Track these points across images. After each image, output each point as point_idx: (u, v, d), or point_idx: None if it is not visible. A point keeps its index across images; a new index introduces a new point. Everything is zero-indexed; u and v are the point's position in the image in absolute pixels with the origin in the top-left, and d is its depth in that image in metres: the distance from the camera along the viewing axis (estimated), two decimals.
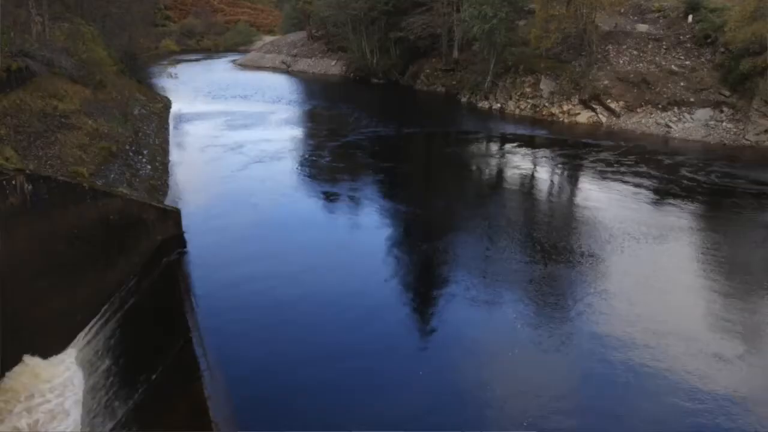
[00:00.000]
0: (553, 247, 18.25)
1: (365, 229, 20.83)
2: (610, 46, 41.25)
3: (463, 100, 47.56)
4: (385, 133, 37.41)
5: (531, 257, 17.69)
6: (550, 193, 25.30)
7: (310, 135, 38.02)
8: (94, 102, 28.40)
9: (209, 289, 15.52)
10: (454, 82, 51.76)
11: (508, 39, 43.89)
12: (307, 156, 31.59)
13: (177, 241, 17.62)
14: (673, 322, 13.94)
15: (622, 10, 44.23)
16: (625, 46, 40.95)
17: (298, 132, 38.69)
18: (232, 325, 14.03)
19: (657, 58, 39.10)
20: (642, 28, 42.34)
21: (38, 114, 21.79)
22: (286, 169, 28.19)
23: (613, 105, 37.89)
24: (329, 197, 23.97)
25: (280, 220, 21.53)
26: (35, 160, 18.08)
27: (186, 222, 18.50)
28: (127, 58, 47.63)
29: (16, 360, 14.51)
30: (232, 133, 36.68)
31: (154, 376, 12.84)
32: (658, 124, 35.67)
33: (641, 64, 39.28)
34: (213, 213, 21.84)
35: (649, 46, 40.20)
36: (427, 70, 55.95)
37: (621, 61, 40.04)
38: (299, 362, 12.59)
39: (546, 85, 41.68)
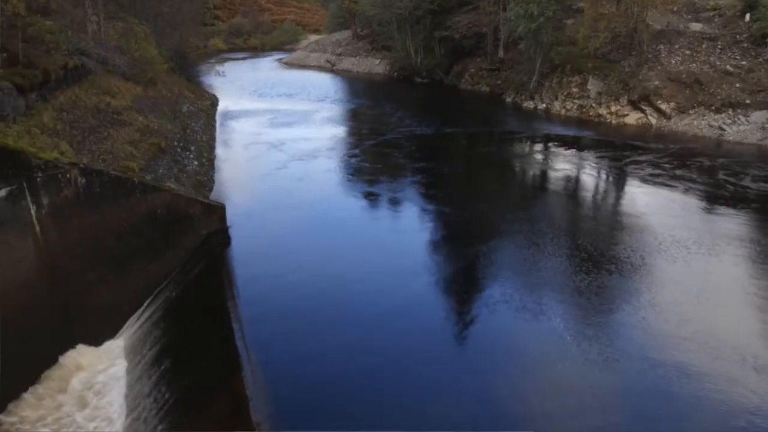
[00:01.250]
0: (600, 255, 17.57)
1: (405, 229, 20.69)
2: (661, 46, 40.05)
3: (508, 100, 46.98)
4: (428, 132, 37.27)
5: (576, 265, 17.04)
6: (595, 197, 24.62)
7: (352, 134, 38.18)
8: (145, 99, 29.23)
9: (252, 283, 15.76)
10: (498, 82, 51.18)
11: (555, 38, 43.11)
12: (348, 154, 31.74)
13: (221, 235, 17.97)
14: (732, 342, 12.92)
15: (675, 9, 42.90)
16: (677, 46, 39.69)
17: (340, 130, 38.91)
18: (273, 319, 14.20)
19: (711, 58, 37.75)
20: (696, 27, 40.96)
21: (92, 110, 22.55)
22: (328, 168, 28.38)
23: (663, 106, 36.76)
24: (369, 196, 24.00)
25: (321, 217, 21.69)
26: (88, 155, 18.69)
27: (230, 217, 18.85)
28: (177, 56, 48.85)
29: (67, 347, 15.06)
30: (276, 131, 37.18)
31: (196, 368, 13.13)
32: (710, 126, 34.42)
33: (694, 64, 37.99)
34: (256, 209, 22.16)
35: (703, 46, 38.85)
36: (472, 70, 55.48)
37: (673, 61, 38.82)
38: (339, 360, 12.64)
39: (593, 86, 40.77)
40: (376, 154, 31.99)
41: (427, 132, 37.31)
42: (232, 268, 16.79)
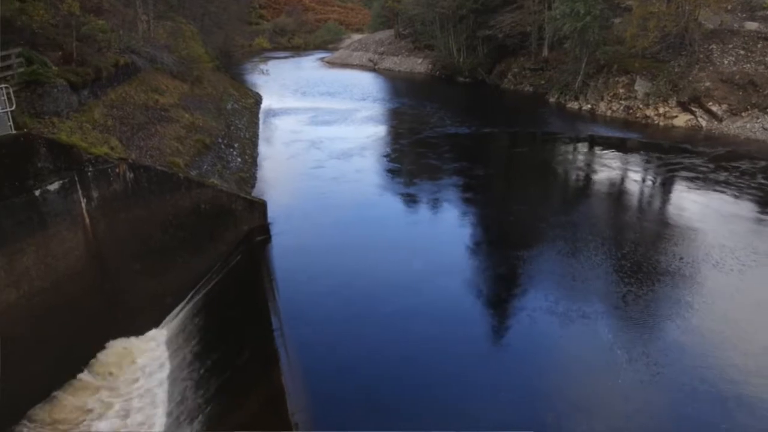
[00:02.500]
0: (647, 264, 16.80)
1: (443, 231, 20.50)
2: (713, 46, 38.73)
3: (552, 100, 46.25)
4: (469, 132, 37.00)
5: (622, 274, 16.18)
6: (642, 203, 23.81)
7: (392, 133, 38.20)
8: (191, 96, 29.90)
9: (291, 279, 15.94)
10: (542, 82, 50.44)
11: (602, 37, 42.21)
12: (388, 154, 31.77)
13: (262, 231, 18.23)
14: None
15: (729, 7, 41.40)
16: (731, 46, 38.32)
17: (380, 129, 38.99)
18: (311, 314, 14.33)
19: (767, 59, 36.33)
20: (751, 26, 39.47)
21: (141, 107, 23.20)
22: (367, 167, 28.48)
23: (714, 108, 35.57)
24: (408, 196, 23.95)
25: (360, 216, 21.75)
26: (137, 150, 19.23)
27: (271, 213, 19.10)
28: (223, 54, 49.83)
29: (113, 336, 15.57)
30: (318, 129, 37.53)
31: (235, 360, 13.37)
32: (765, 129, 33.12)
33: (749, 65, 36.62)
34: (296, 206, 22.41)
35: (759, 46, 37.40)
36: (515, 69, 54.82)
37: (726, 62, 37.50)
38: (375, 357, 12.68)
39: (641, 86, 39.75)
40: (415, 154, 31.95)
41: (468, 132, 37.05)
42: (271, 263, 17.00)
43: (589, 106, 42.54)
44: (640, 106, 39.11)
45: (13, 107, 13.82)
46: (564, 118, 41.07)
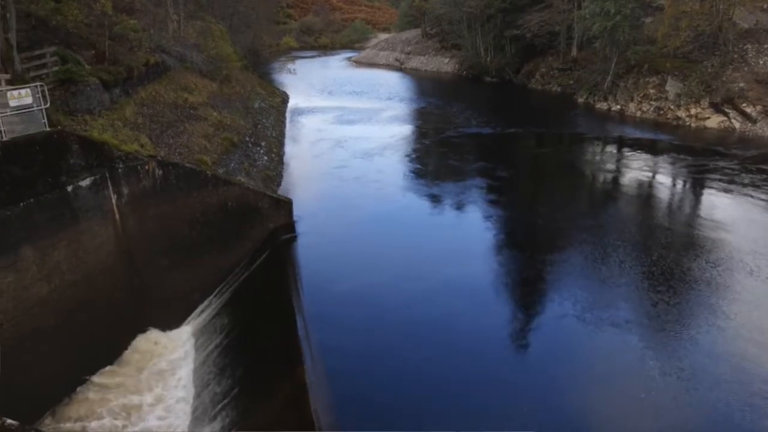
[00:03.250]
0: (678, 270, 16.29)
1: (468, 232, 20.27)
2: (748, 45, 37.80)
3: (580, 100, 45.67)
4: (495, 132, 36.75)
5: (652, 279, 15.78)
6: (672, 207, 23.22)
7: (417, 132, 38.12)
8: (220, 95, 30.26)
9: (315, 276, 16.00)
10: (570, 82, 49.86)
11: (632, 37, 41.55)
12: (413, 154, 31.72)
13: (288, 229, 18.35)
14: None
15: (766, 6, 40.40)
16: (766, 45, 37.37)
17: (406, 129, 38.94)
18: (335, 312, 14.36)
19: None
20: None
21: (170, 105, 23.56)
22: (393, 166, 28.46)
23: (749, 109, 34.72)
24: (432, 197, 23.83)
25: (384, 216, 21.72)
26: (166, 148, 19.53)
27: (296, 211, 19.21)
28: (251, 54, 50.36)
29: (141, 329, 15.84)
30: (344, 128, 37.65)
31: (259, 357, 13.49)
32: None
33: None
34: (322, 204, 22.50)
35: None
36: (543, 69, 54.30)
37: (761, 62, 36.57)
38: (398, 356, 12.66)
39: (672, 87, 39.01)
40: (440, 154, 31.83)
41: (494, 132, 36.80)
42: (297, 261, 17.09)
43: (618, 106, 41.91)
44: (671, 107, 38.39)
45: (48, 105, 14.15)
46: (592, 119, 40.51)
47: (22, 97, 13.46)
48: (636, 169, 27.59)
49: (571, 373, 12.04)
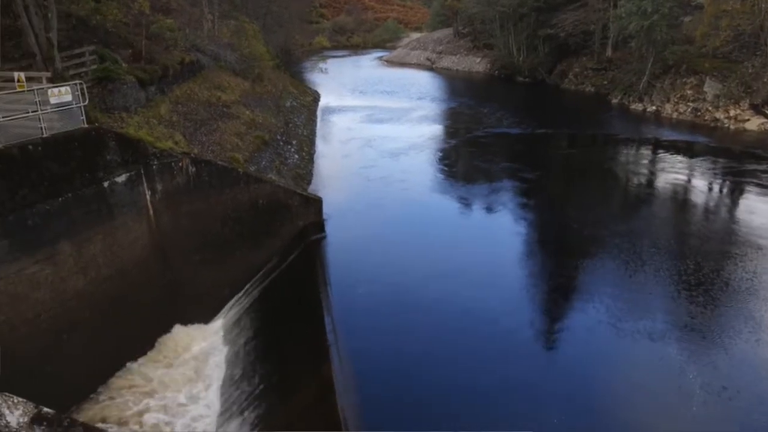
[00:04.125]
0: (717, 278, 15.69)
1: (497, 234, 20.08)
2: None
3: (614, 101, 44.89)
4: (527, 133, 36.36)
5: (689, 289, 15.03)
6: (709, 212, 22.47)
7: (447, 133, 37.99)
8: (252, 94, 30.61)
9: (344, 275, 16.06)
10: (605, 82, 49.04)
11: (670, 36, 40.65)
12: (443, 154, 31.61)
13: (317, 227, 18.45)
14: None
15: None
16: None
17: (436, 129, 38.85)
18: (363, 311, 14.41)
19: None
20: None
21: (204, 103, 23.93)
22: (422, 166, 28.41)
23: None
24: (462, 198, 23.69)
25: (413, 217, 21.67)
26: (199, 145, 19.85)
27: (326, 210, 19.31)
28: (283, 53, 50.76)
29: (172, 323, 16.12)
30: (374, 127, 37.72)
31: (287, 353, 13.60)
32: None
33: None
34: (351, 203, 22.58)
35: None
36: (576, 69, 53.53)
37: None
38: (425, 356, 12.64)
39: (711, 87, 38.03)
40: (471, 155, 31.65)
41: (526, 133, 36.42)
42: (326, 259, 17.19)
43: (653, 107, 41.06)
44: (709, 108, 37.43)
45: (86, 102, 14.50)
46: (627, 120, 39.78)
47: (61, 94, 13.81)
48: (671, 172, 26.95)
49: (605, 384, 11.71)
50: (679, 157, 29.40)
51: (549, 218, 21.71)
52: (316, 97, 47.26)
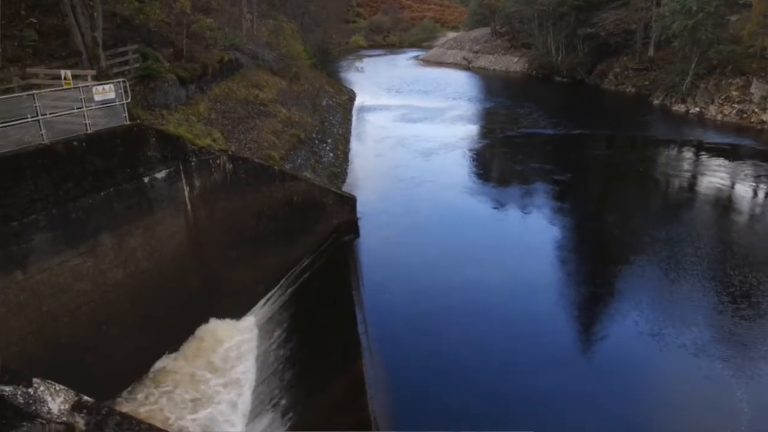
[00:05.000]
0: (762, 289, 15.07)
1: (531, 238, 19.66)
2: None
3: (656, 102, 43.83)
4: (564, 134, 35.79)
5: (734, 300, 14.59)
6: (753, 219, 21.63)
7: (483, 133, 37.68)
8: (289, 92, 30.90)
9: (376, 274, 16.11)
10: (646, 83, 47.91)
11: (715, 36, 39.46)
12: (477, 154, 31.37)
13: (351, 225, 18.53)
14: None
15: None
16: None
17: (471, 129, 38.56)
18: (394, 311, 14.42)
19: None
20: None
21: (242, 101, 24.26)
22: (457, 167, 28.24)
23: None
24: (497, 200, 23.43)
25: (447, 217, 21.58)
26: (236, 143, 20.13)
27: (360, 208, 19.37)
28: (320, 52, 51.20)
29: (207, 317, 16.42)
30: (409, 126, 37.69)
31: (319, 350, 13.70)
32: None
33: None
34: (385, 202, 22.60)
35: None
36: (617, 69, 52.45)
37: None
38: (456, 356, 12.58)
39: (758, 89, 36.77)
40: (506, 155, 31.33)
41: (564, 134, 35.84)
42: (358, 257, 17.25)
43: (697, 109, 39.93)
44: (756, 110, 36.20)
45: (129, 100, 14.85)
46: (668, 122, 38.79)
47: (105, 92, 14.18)
48: (715, 176, 26.08)
49: (647, 399, 11.28)
50: (723, 161, 28.50)
51: (586, 223, 21.28)
52: (351, 96, 47.45)
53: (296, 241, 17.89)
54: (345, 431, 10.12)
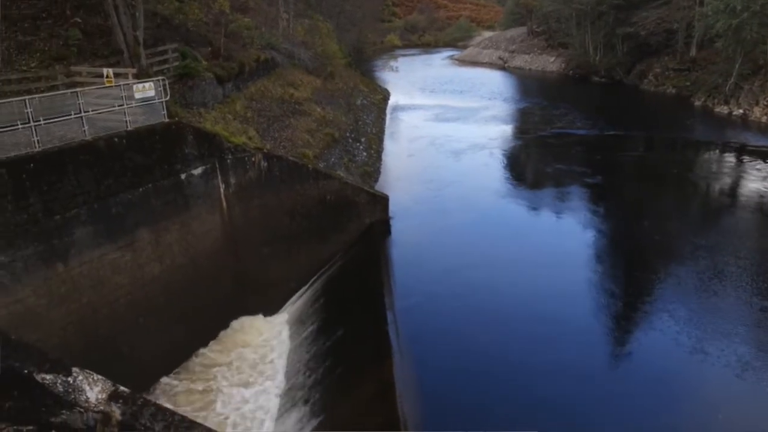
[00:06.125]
0: None
1: (567, 244, 19.09)
2: None
3: (697, 103, 42.69)
4: (601, 136, 35.13)
5: None
6: None
7: (517, 133, 37.25)
8: (324, 91, 31.10)
9: (408, 274, 16.06)
10: (687, 83, 46.70)
11: (761, 35, 38.19)
12: (511, 155, 31.04)
13: (383, 225, 18.54)
14: None
15: None
16: None
17: (507, 129, 38.19)
18: (425, 312, 14.37)
19: None
20: None
21: (277, 100, 24.52)
22: (491, 168, 27.99)
23: None
24: (527, 200, 23.13)
25: (479, 219, 21.37)
26: (271, 141, 20.36)
27: (392, 208, 19.36)
28: (355, 51, 51.38)
29: (240, 313, 16.64)
30: (443, 126, 37.53)
31: (349, 349, 13.74)
32: None
33: None
34: (417, 202, 22.53)
35: None
36: (657, 69, 51.26)
37: None
38: (488, 360, 12.48)
39: None
40: (541, 157, 30.94)
41: (601, 135, 35.18)
42: (390, 257, 17.24)
43: (740, 110, 38.74)
44: None
45: (168, 97, 15.15)
46: (710, 124, 37.73)
47: (145, 90, 14.50)
48: (759, 181, 25.14)
49: (685, 417, 10.84)
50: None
51: (622, 227, 20.71)
52: (385, 96, 47.50)
53: (328, 240, 17.99)
54: (374, 431, 10.13)
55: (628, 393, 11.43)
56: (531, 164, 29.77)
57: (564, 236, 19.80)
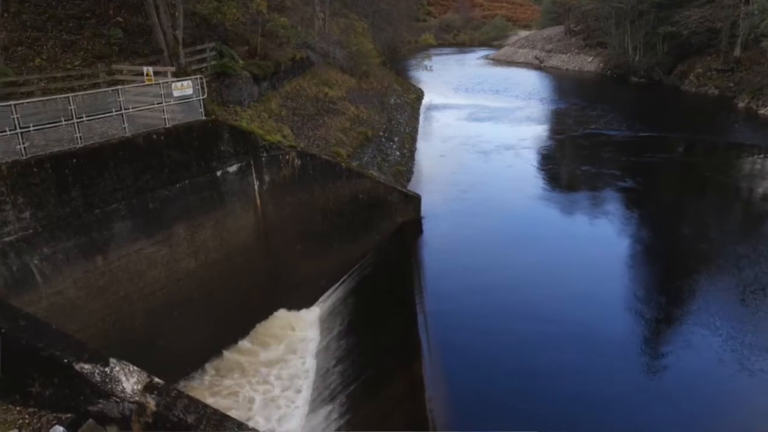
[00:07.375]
0: None
1: (602, 249, 18.63)
2: None
3: (741, 105, 41.41)
4: (640, 138, 34.29)
5: None
6: None
7: (552, 134, 36.65)
8: (358, 90, 31.23)
9: (439, 275, 15.99)
10: (731, 84, 45.34)
11: None
12: (545, 156, 30.58)
13: (415, 225, 18.50)
14: None
15: None
16: None
17: (542, 130, 37.64)
18: (456, 312, 14.28)
19: None
20: None
21: (312, 99, 24.72)
22: (525, 169, 27.63)
23: None
24: (564, 206, 22.65)
25: (512, 221, 21.07)
26: (305, 139, 20.53)
27: (424, 208, 19.30)
28: (389, 50, 51.45)
29: (272, 309, 16.84)
30: (476, 126, 37.25)
31: (379, 347, 13.78)
32: None
33: None
34: (450, 203, 22.43)
35: None
36: (699, 70, 49.89)
37: None
38: (518, 361, 12.35)
39: None
40: (577, 159, 30.39)
41: (639, 137, 34.34)
42: (421, 257, 17.18)
43: None
44: None
45: (205, 95, 15.41)
46: (754, 127, 36.53)
47: (184, 88, 14.78)
48: None
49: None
50: None
51: (661, 233, 20.01)
52: (419, 95, 47.39)
53: (360, 238, 18.04)
54: (402, 430, 10.13)
55: (661, 410, 11.08)
56: (568, 166, 29.27)
57: (598, 241, 19.34)
